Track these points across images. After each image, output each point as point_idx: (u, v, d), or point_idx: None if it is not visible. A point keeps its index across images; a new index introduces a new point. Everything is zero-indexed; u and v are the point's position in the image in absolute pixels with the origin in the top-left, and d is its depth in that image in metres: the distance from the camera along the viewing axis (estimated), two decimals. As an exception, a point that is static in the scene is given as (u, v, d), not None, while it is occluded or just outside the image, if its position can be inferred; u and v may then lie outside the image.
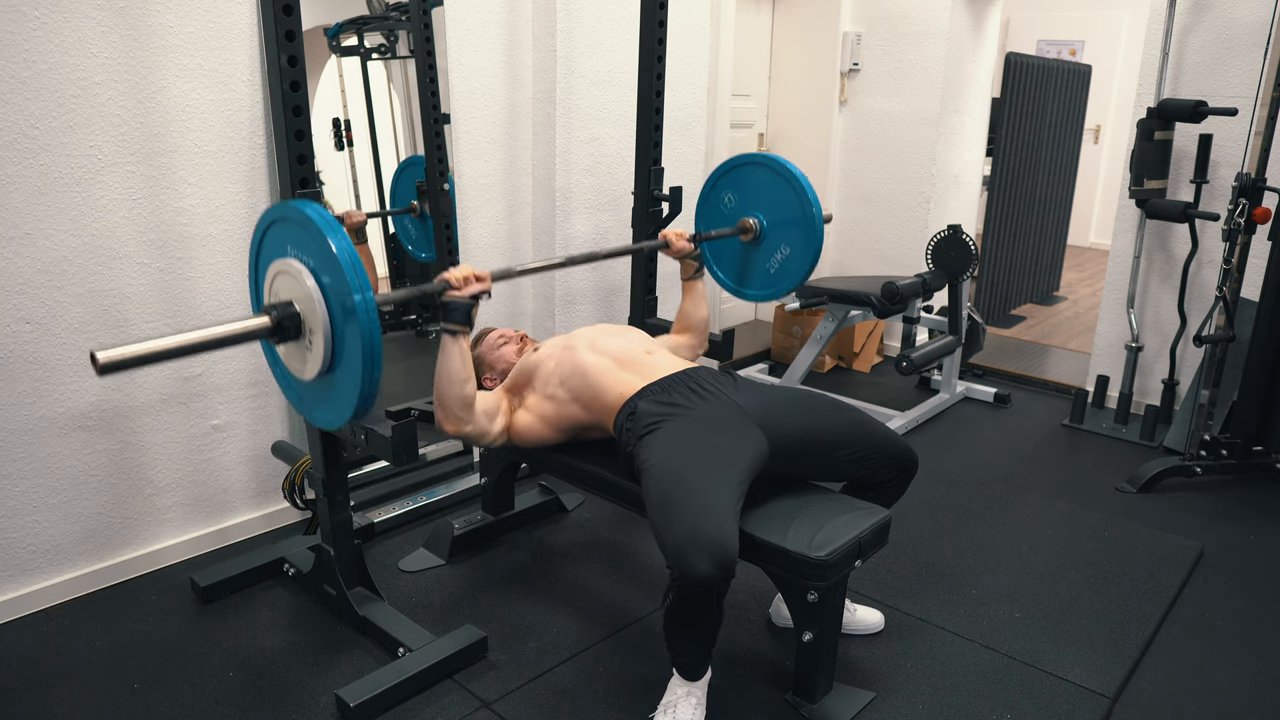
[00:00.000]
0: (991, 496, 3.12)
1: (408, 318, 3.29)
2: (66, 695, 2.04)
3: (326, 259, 1.63)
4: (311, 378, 1.74)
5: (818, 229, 2.69)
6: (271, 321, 1.69)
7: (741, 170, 2.80)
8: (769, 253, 2.79)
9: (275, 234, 1.77)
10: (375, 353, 1.62)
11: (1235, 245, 3.13)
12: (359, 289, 1.59)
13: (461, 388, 2.05)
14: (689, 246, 2.59)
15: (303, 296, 1.68)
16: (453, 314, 2.00)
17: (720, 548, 1.70)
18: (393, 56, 3.09)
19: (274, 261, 1.74)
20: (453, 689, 2.09)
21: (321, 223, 1.62)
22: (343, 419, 1.75)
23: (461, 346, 2.02)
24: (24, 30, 2.06)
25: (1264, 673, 2.23)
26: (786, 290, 2.82)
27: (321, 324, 1.66)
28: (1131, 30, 7.28)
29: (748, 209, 2.80)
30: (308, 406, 1.87)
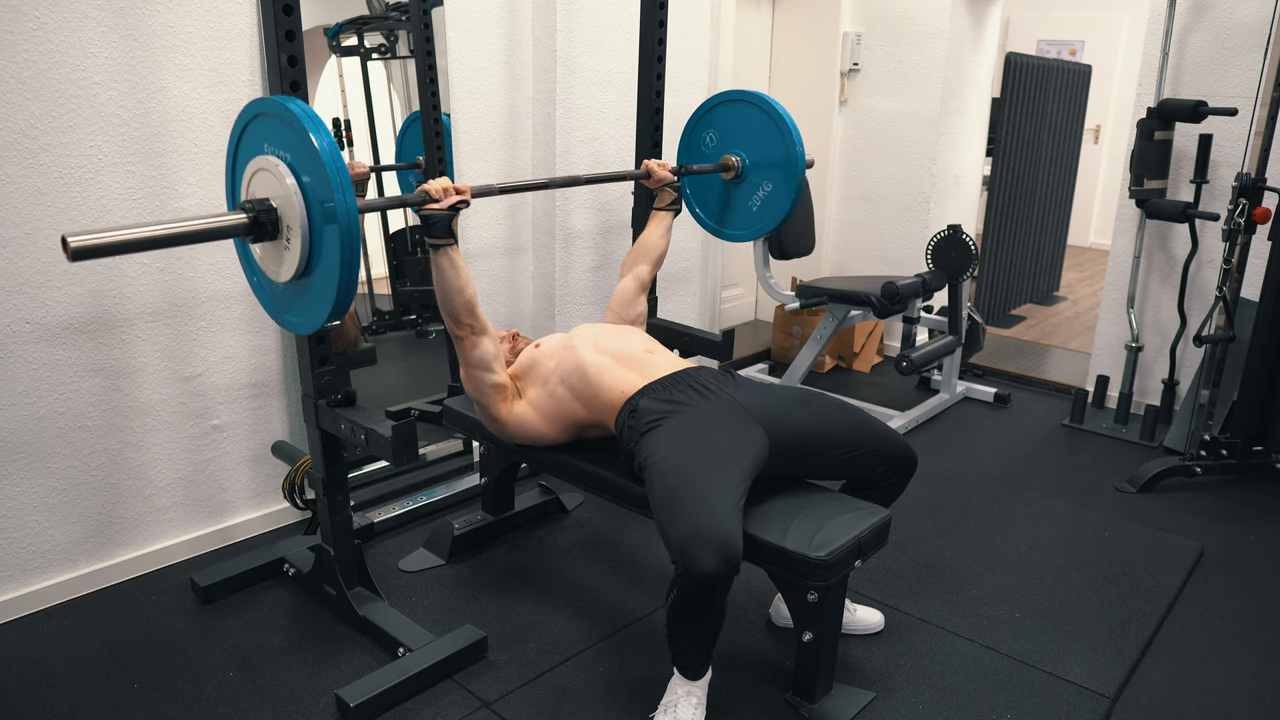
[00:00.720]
0: (991, 496, 3.12)
1: (408, 318, 3.29)
2: (66, 695, 2.04)
3: (308, 157, 1.58)
4: (287, 279, 1.70)
5: (800, 165, 2.68)
6: (248, 218, 1.65)
7: (723, 109, 2.80)
8: (751, 191, 2.79)
9: (256, 129, 1.71)
10: (354, 255, 1.59)
11: (1235, 245, 3.13)
12: (340, 189, 1.54)
13: (461, 295, 2.09)
14: (670, 176, 2.63)
15: (281, 195, 1.63)
16: (434, 228, 2.02)
17: (725, 543, 1.71)
18: (393, 56, 3.09)
19: (253, 159, 1.69)
20: (453, 689, 2.09)
21: (305, 118, 1.58)
22: (316, 323, 1.71)
23: (451, 257, 2.04)
24: (24, 30, 2.06)
25: (1264, 673, 2.23)
26: (767, 229, 2.82)
27: (300, 224, 1.61)
28: (1131, 30, 7.28)
29: (729, 147, 2.80)
30: (281, 310, 1.83)
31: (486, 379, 2.21)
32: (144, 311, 2.39)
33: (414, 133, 3.04)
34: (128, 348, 2.38)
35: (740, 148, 2.78)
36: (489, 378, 2.21)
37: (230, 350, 2.58)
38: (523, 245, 3.33)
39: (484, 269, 3.21)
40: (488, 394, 2.23)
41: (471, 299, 2.11)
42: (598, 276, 3.44)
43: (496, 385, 2.22)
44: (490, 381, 2.21)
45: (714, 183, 2.87)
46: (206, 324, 2.52)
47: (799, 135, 2.67)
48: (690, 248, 3.75)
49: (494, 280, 3.25)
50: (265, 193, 1.68)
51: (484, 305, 3.19)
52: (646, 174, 2.63)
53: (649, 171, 2.62)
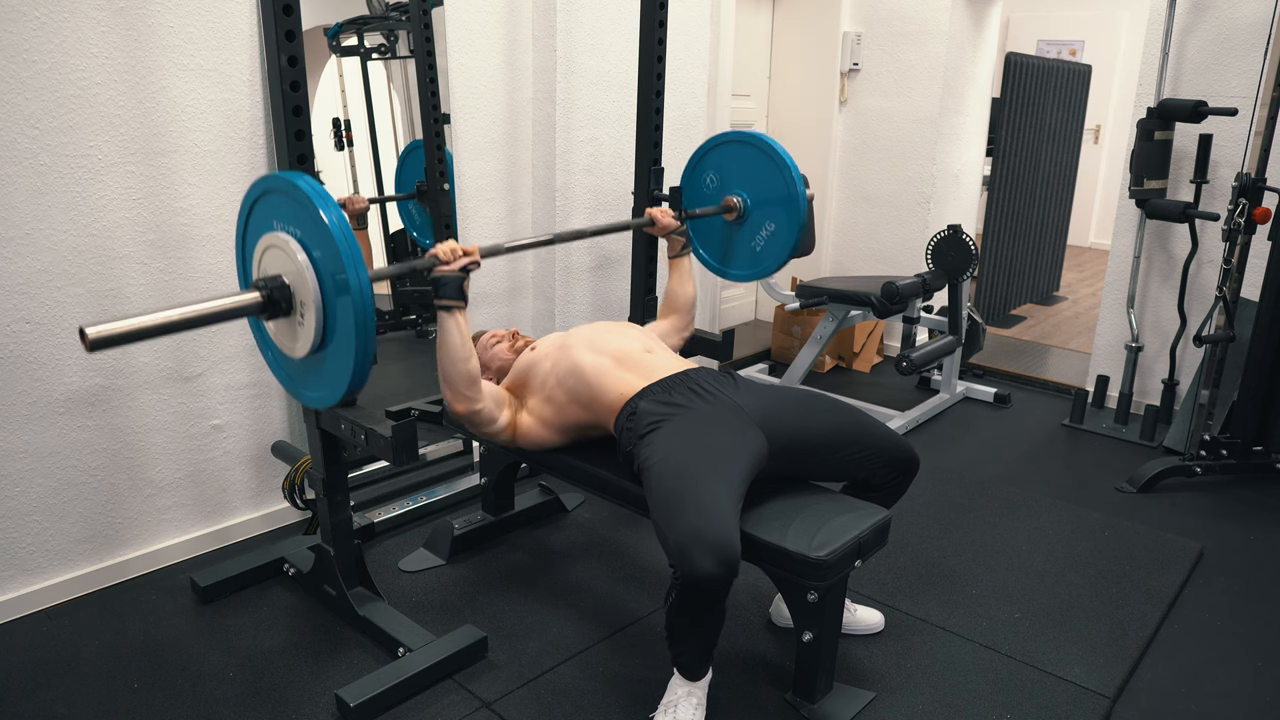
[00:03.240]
0: (991, 496, 3.12)
1: (408, 318, 3.29)
2: (66, 695, 2.04)
3: (318, 231, 1.58)
4: (303, 355, 1.70)
5: (801, 205, 2.67)
6: (262, 297, 1.66)
7: (722, 149, 2.80)
8: (753, 231, 2.79)
9: (264, 207, 1.72)
10: (369, 328, 1.59)
11: (1235, 245, 3.13)
12: (352, 262, 1.55)
13: (465, 364, 2.06)
14: (674, 223, 2.62)
15: (293, 271, 1.63)
16: (445, 289, 2.00)
17: (723, 546, 1.70)
18: (393, 56, 3.09)
19: (262, 236, 1.69)
20: (453, 689, 2.09)
21: (312, 193, 1.58)
22: (335, 397, 1.71)
23: (458, 322, 2.03)
24: (24, 30, 2.06)
25: (1264, 673, 2.23)
26: (770, 270, 2.82)
27: (313, 299, 1.61)
28: (1131, 30, 7.28)
29: (731, 188, 2.80)
30: (298, 386, 1.83)
31: (494, 429, 2.22)
32: (144, 311, 2.38)
33: (414, 160, 3.06)
34: (128, 348, 2.38)
35: (741, 188, 2.78)
36: (496, 426, 2.21)
37: (230, 350, 2.58)
38: (523, 245, 3.33)
39: (484, 268, 3.20)
40: (500, 436, 2.24)
41: (474, 371, 2.08)
42: (598, 276, 3.44)
43: (503, 428, 2.23)
44: (498, 429, 2.22)
45: (717, 224, 2.88)
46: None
47: (800, 176, 2.68)
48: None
49: (494, 280, 3.25)
50: (277, 269, 1.68)
51: (483, 305, 3.22)
52: (650, 222, 2.61)
53: (653, 220, 2.61)
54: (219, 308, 1.64)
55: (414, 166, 3.06)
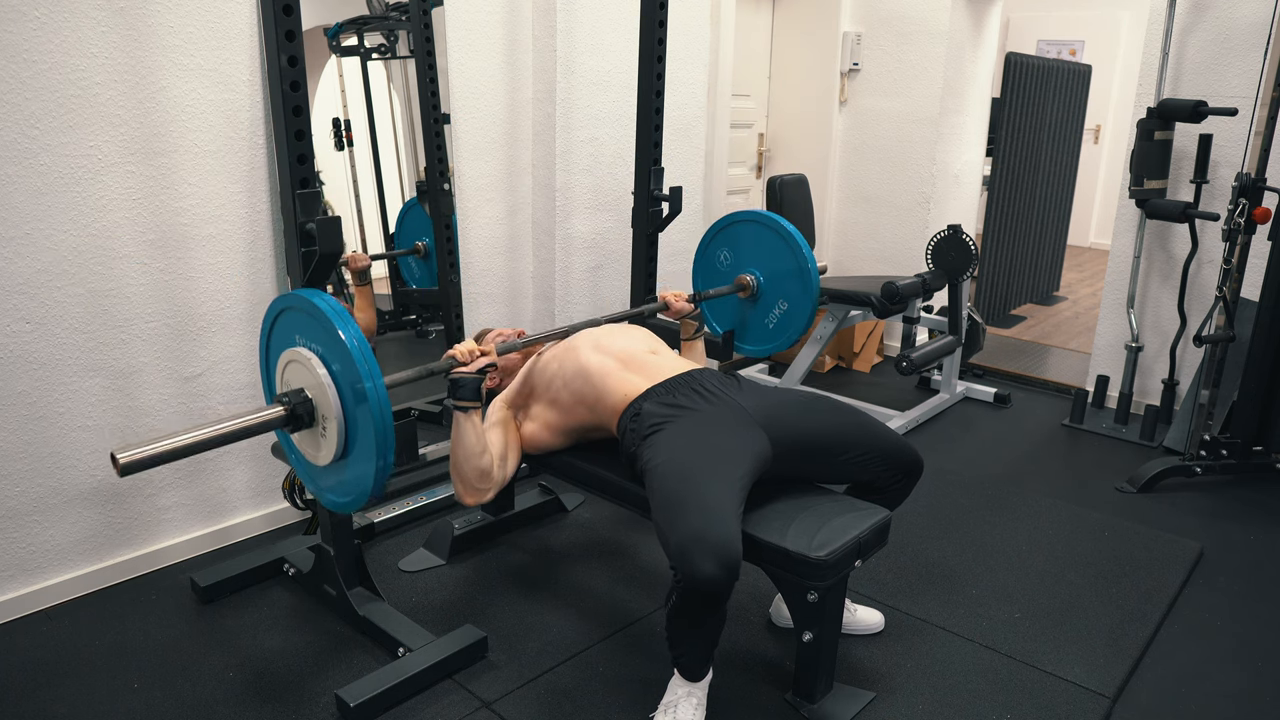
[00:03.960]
0: (991, 496, 3.12)
1: (408, 318, 3.29)
2: (66, 695, 2.04)
3: (336, 348, 1.67)
4: (326, 463, 1.78)
5: (814, 283, 2.73)
6: (285, 411, 1.74)
7: (735, 228, 2.87)
8: (767, 308, 2.85)
9: (284, 323, 1.82)
10: (388, 438, 1.66)
11: (1235, 245, 3.13)
12: (369, 375, 1.63)
13: (478, 461, 2.06)
14: (688, 306, 2.59)
15: (314, 385, 1.73)
16: (462, 391, 2.01)
17: (724, 549, 1.70)
18: (393, 56, 3.09)
19: (284, 351, 1.79)
20: (453, 689, 2.09)
21: (331, 313, 1.67)
22: (359, 504, 1.79)
23: (474, 422, 2.04)
24: (24, 30, 2.06)
25: (1264, 673, 2.23)
26: (786, 345, 2.87)
27: (334, 412, 1.70)
28: (1131, 30, 7.28)
29: (743, 265, 2.85)
30: (323, 490, 1.90)
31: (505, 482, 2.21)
32: (144, 311, 2.39)
33: (413, 217, 3.10)
34: (128, 348, 2.38)
35: (755, 266, 2.83)
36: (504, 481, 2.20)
37: (230, 350, 2.58)
38: (523, 245, 3.33)
39: (484, 268, 3.21)
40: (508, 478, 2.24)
41: (487, 466, 2.08)
42: (598, 276, 3.44)
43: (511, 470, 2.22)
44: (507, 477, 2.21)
45: (731, 300, 2.92)
46: (206, 324, 2.52)
47: (812, 258, 2.73)
48: (690, 247, 3.74)
49: (494, 280, 3.25)
50: (299, 382, 1.77)
51: (484, 304, 3.22)
52: (664, 306, 2.60)
53: (666, 304, 2.59)
54: (245, 425, 1.72)
55: (413, 222, 3.10)
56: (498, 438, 2.21)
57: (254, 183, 2.52)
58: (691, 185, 3.67)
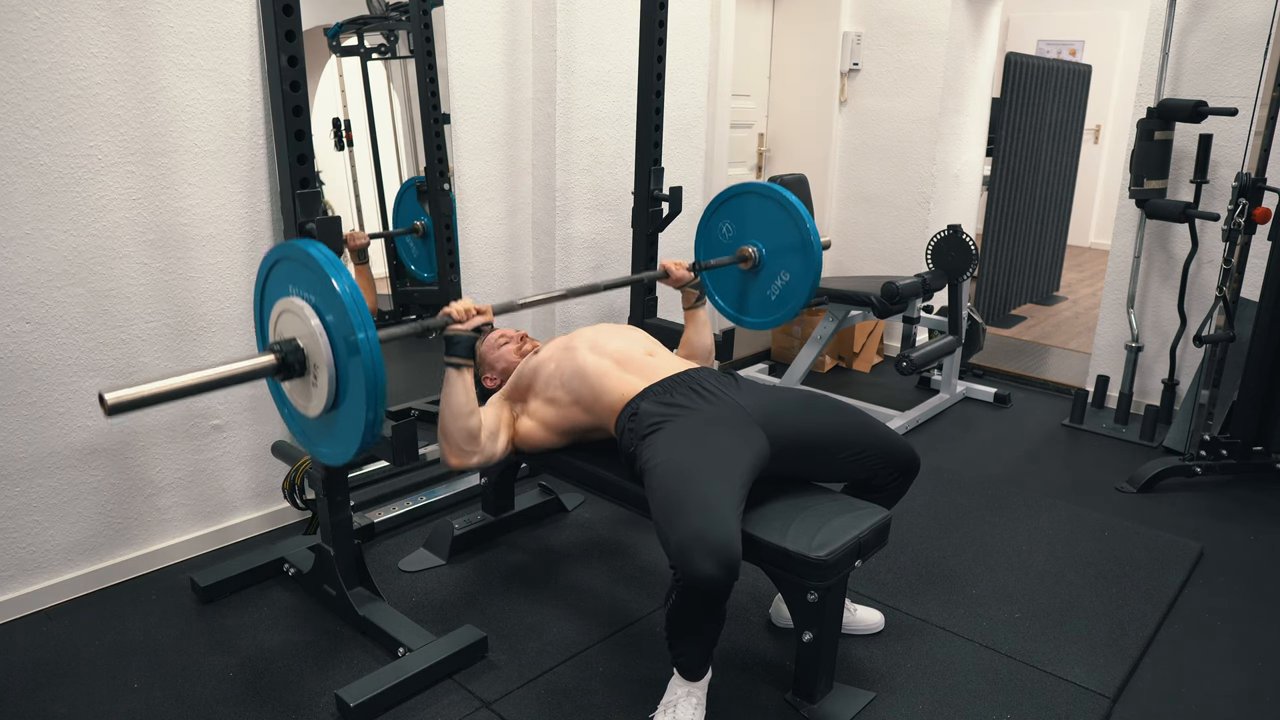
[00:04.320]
0: (991, 496, 3.12)
1: (408, 317, 3.29)
2: (66, 695, 2.04)
3: (330, 297, 1.66)
4: (316, 414, 1.77)
5: (816, 255, 2.71)
6: (276, 359, 1.73)
7: (738, 200, 2.84)
8: (769, 280, 2.83)
9: (279, 273, 1.80)
10: (379, 390, 1.65)
11: (1235, 245, 3.13)
12: (362, 326, 1.62)
13: (466, 420, 2.05)
14: (688, 275, 2.59)
15: (306, 334, 1.71)
16: (456, 348, 2.01)
17: (724, 548, 1.70)
18: (393, 56, 3.09)
19: (278, 300, 1.77)
20: (453, 689, 2.09)
21: (325, 262, 1.65)
22: (347, 455, 1.78)
23: (465, 380, 2.03)
24: (24, 30, 2.06)
25: (1264, 673, 2.23)
26: (788, 317, 2.84)
27: (326, 361, 1.69)
28: (1131, 30, 7.28)
29: (746, 238, 2.83)
30: (312, 443, 1.90)
31: (492, 462, 2.22)
32: (144, 311, 2.39)
33: (410, 197, 3.09)
34: (128, 347, 2.38)
35: (757, 238, 2.81)
36: (494, 459, 2.21)
37: (230, 350, 2.58)
38: (523, 245, 3.33)
39: (484, 268, 3.21)
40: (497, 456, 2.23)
41: (475, 427, 2.08)
42: (597, 277, 3.44)
43: (502, 448, 2.22)
44: (495, 454, 2.21)
45: (732, 272, 2.91)
46: (206, 324, 2.52)
47: (815, 228, 2.71)
48: (690, 248, 3.74)
49: (494, 279, 3.25)
50: (291, 332, 1.75)
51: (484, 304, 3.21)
52: (664, 274, 2.60)
53: (667, 271, 2.59)
54: (236, 371, 1.70)
55: (412, 201, 3.09)
56: (491, 415, 2.21)
57: (254, 183, 2.52)
58: (691, 185, 3.67)
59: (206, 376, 1.65)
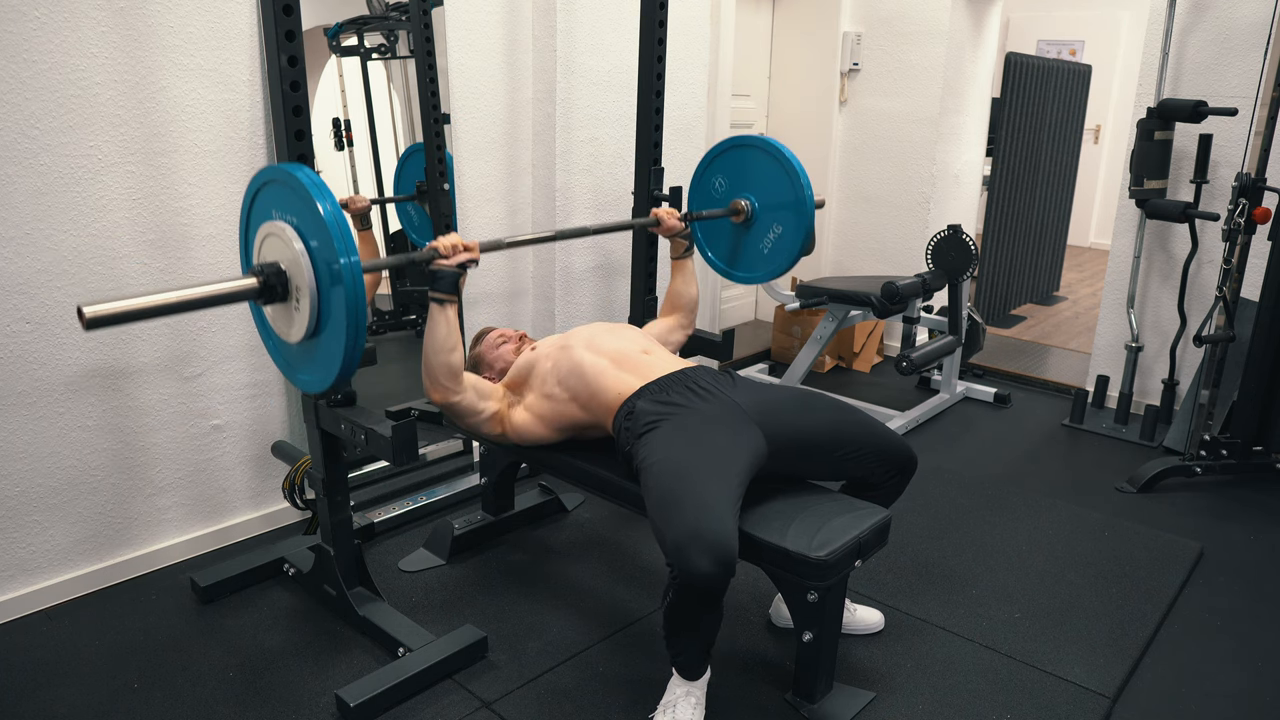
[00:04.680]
0: (991, 496, 3.12)
1: (408, 318, 3.29)
2: (66, 695, 2.04)
3: (314, 222, 1.63)
4: (298, 340, 1.74)
5: (809, 208, 2.69)
6: (259, 282, 1.70)
7: (731, 154, 2.81)
8: (761, 233, 2.80)
9: (266, 196, 1.77)
10: (360, 317, 1.62)
11: (1235, 245, 3.13)
12: (345, 253, 1.60)
13: (448, 356, 2.06)
14: (679, 225, 2.62)
15: (290, 259, 1.68)
16: (440, 283, 2.01)
17: (721, 545, 1.70)
18: (393, 56, 3.09)
19: (263, 224, 1.74)
20: (453, 689, 2.09)
21: (310, 186, 1.62)
22: (326, 382, 1.75)
23: (448, 315, 2.03)
24: (24, 30, 2.06)
25: (1264, 673, 2.23)
26: (778, 272, 2.82)
27: (308, 286, 1.66)
28: (1131, 30, 7.28)
29: (739, 191, 2.81)
30: (293, 369, 1.87)
31: (477, 420, 2.23)
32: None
33: (414, 164, 3.06)
34: (128, 348, 2.38)
35: (749, 191, 2.80)
36: (480, 418, 2.23)
37: (230, 350, 2.58)
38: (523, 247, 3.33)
39: (484, 269, 3.21)
40: (482, 427, 2.25)
41: (458, 363, 2.09)
42: (597, 276, 3.44)
43: (488, 419, 2.24)
44: (482, 420, 2.23)
45: (724, 226, 2.89)
46: (206, 324, 2.52)
47: (807, 179, 2.69)
48: (690, 248, 3.74)
49: (494, 280, 3.25)
50: (275, 256, 1.72)
51: (484, 305, 3.22)
52: (656, 222, 2.63)
53: (658, 220, 2.62)
54: (217, 291, 1.67)
55: (414, 168, 3.06)
56: (485, 383, 2.24)
57: (254, 183, 2.52)
58: (691, 185, 3.66)
59: (188, 295, 1.63)
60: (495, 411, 2.24)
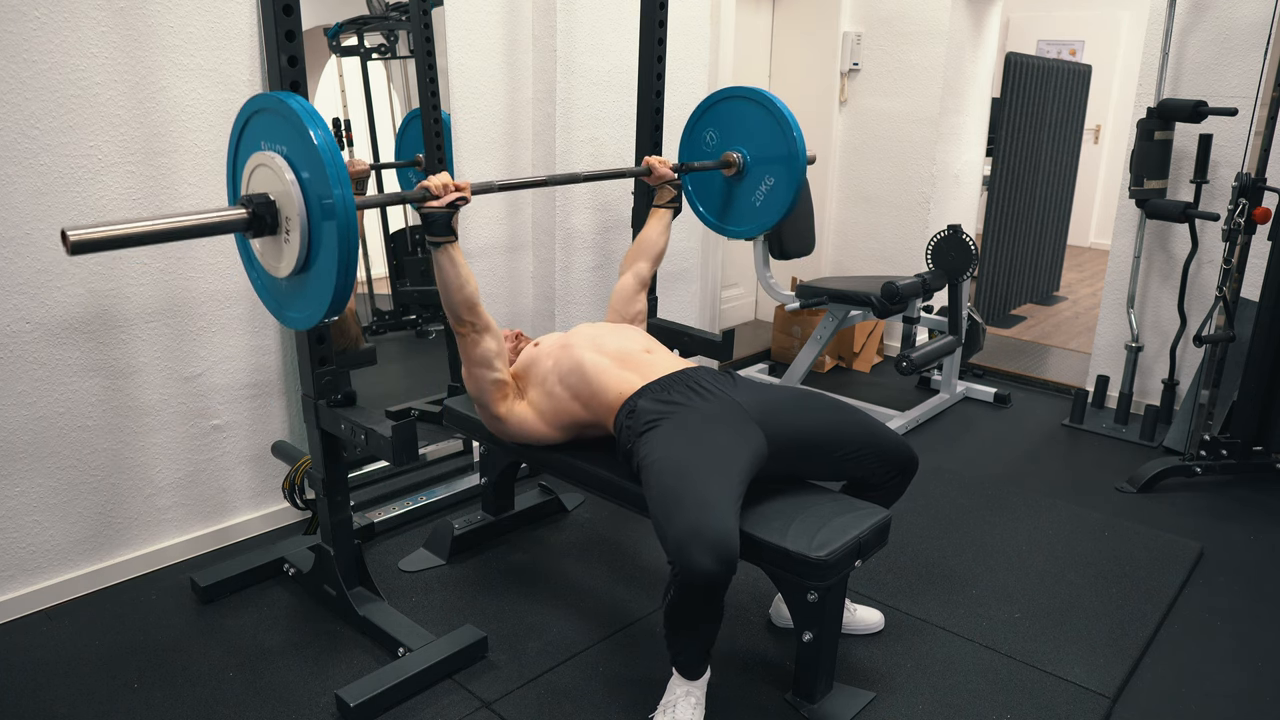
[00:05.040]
0: (991, 496, 3.12)
1: (408, 318, 3.29)
2: (66, 695, 2.04)
3: (306, 152, 1.59)
4: (287, 274, 1.71)
5: (801, 160, 2.68)
6: (248, 213, 1.66)
7: (723, 105, 2.80)
8: (752, 186, 2.79)
9: (256, 125, 1.73)
10: (351, 252, 1.60)
11: (1235, 245, 3.13)
12: (338, 183, 1.55)
13: (461, 292, 2.09)
14: (670, 174, 2.63)
15: (280, 191, 1.65)
16: (434, 225, 2.02)
17: (722, 543, 1.70)
18: (393, 56, 3.09)
19: (253, 154, 1.70)
20: (453, 689, 2.09)
21: (303, 113, 1.59)
22: (315, 319, 1.72)
23: (450, 254, 2.05)
24: (24, 30, 2.06)
25: (1264, 673, 2.23)
26: (768, 225, 2.81)
27: (299, 219, 1.62)
28: (1131, 30, 7.28)
29: (731, 144, 2.80)
30: (281, 307, 1.84)
31: (487, 375, 2.21)
32: (144, 311, 2.39)
33: (414, 130, 3.04)
34: (128, 348, 2.38)
35: (741, 144, 2.78)
36: (490, 374, 2.20)
37: (230, 350, 2.58)
38: (523, 245, 3.33)
39: (484, 268, 3.21)
40: (489, 390, 2.23)
41: (472, 295, 2.11)
42: (598, 276, 3.44)
43: (497, 382, 2.22)
44: (491, 378, 2.21)
45: (716, 180, 2.87)
46: (206, 324, 2.52)
47: (799, 130, 2.67)
48: (690, 247, 3.75)
49: (494, 280, 3.25)
50: (265, 188, 1.69)
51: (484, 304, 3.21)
52: (647, 171, 2.64)
53: (650, 168, 2.63)
54: (204, 221, 1.64)
55: (414, 135, 3.04)
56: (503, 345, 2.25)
57: (254, 183, 2.52)
58: (691, 185, 3.66)
59: (173, 224, 1.60)
60: (503, 380, 2.23)
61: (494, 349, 2.19)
